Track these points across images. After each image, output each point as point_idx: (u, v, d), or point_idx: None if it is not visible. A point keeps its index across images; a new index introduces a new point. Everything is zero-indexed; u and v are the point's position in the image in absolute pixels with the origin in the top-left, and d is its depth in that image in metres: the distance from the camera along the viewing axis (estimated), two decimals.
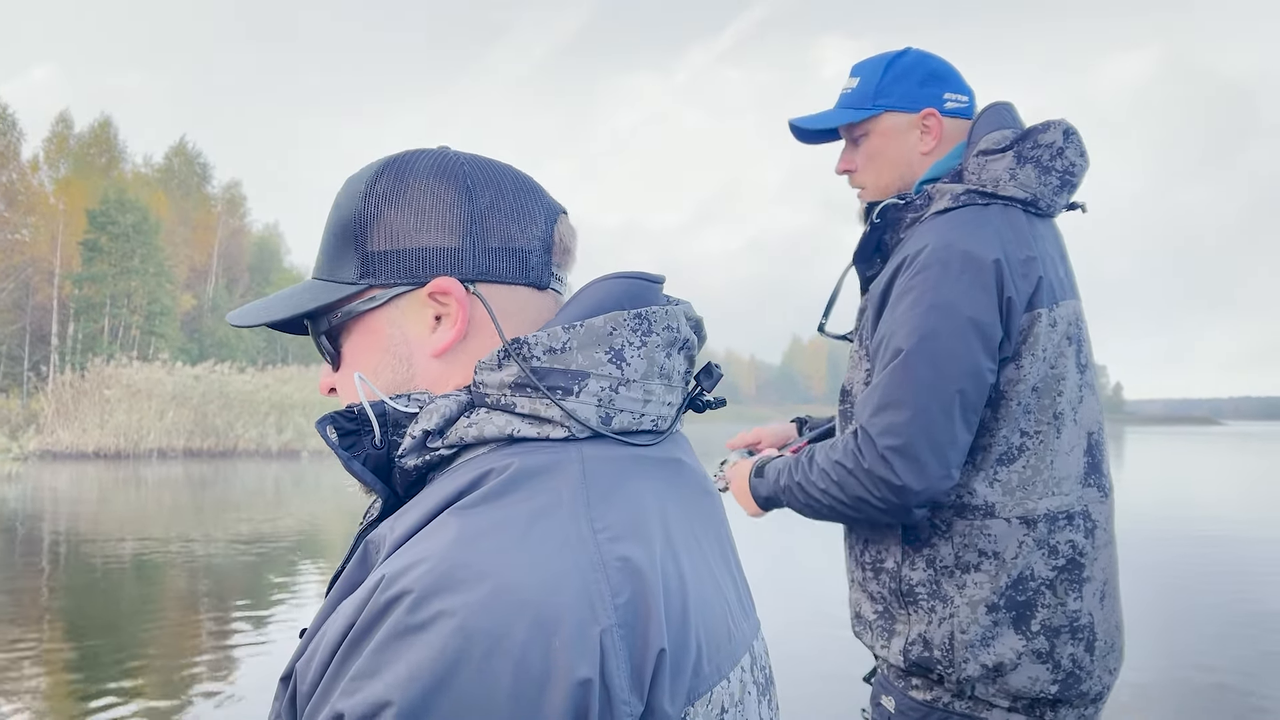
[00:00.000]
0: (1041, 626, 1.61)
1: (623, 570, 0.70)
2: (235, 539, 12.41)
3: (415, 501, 0.77)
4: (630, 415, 0.80)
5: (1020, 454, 1.64)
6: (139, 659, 6.36)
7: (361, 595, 0.68)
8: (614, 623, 0.67)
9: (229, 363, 36.04)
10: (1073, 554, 1.64)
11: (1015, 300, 1.61)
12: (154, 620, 7.67)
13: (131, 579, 9.54)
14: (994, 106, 1.77)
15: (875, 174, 1.82)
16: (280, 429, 33.47)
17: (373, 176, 0.85)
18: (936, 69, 1.81)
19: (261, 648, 6.72)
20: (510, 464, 0.74)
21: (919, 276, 1.61)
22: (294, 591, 8.92)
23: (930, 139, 1.78)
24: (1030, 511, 1.62)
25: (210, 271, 56.29)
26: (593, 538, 0.71)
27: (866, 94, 1.80)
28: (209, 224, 57.03)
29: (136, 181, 51.38)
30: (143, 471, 25.22)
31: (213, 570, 10.02)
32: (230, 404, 32.98)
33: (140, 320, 44.36)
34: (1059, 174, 1.70)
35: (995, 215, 1.66)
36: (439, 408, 0.79)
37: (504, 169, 0.87)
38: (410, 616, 0.64)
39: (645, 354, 0.80)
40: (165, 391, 31.74)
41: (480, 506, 0.72)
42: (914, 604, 1.67)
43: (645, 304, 0.83)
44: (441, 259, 0.82)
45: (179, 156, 59.04)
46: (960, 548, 1.63)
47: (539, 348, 0.78)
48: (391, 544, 0.73)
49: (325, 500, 18.70)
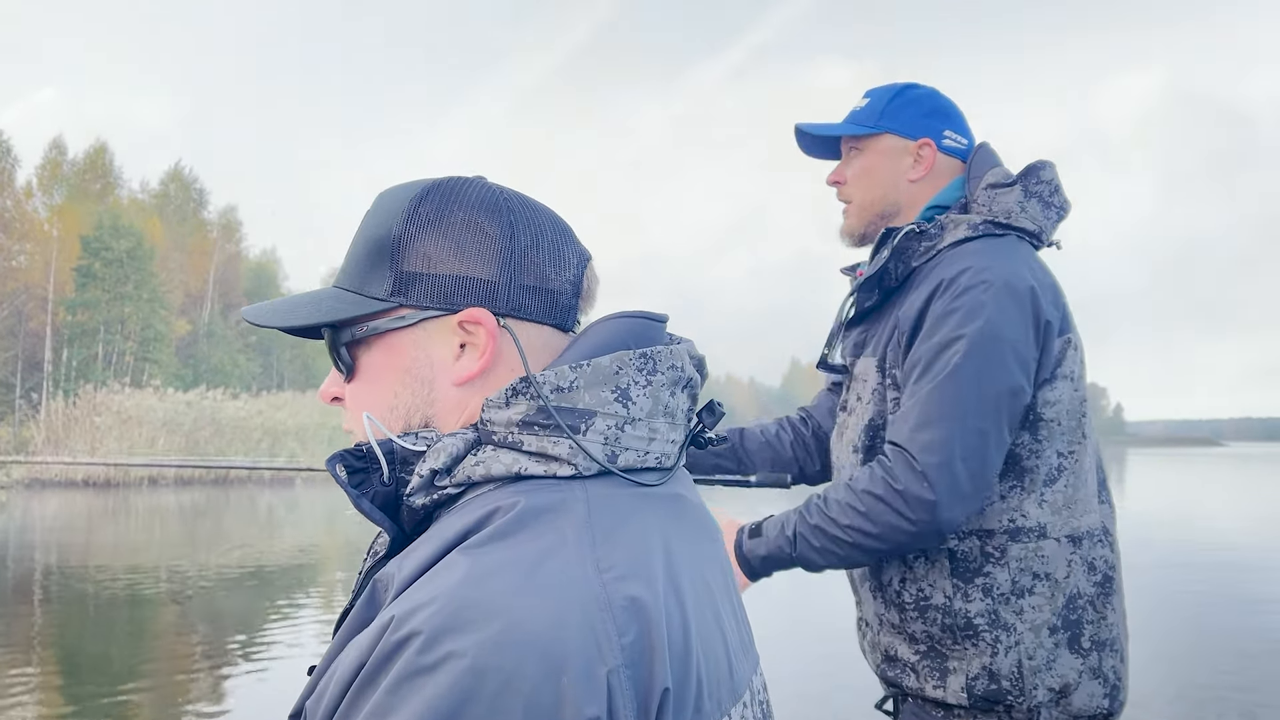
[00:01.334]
0: (1091, 643, 1.65)
1: (628, 610, 0.71)
2: (228, 568, 12.26)
3: (422, 540, 0.77)
4: (636, 453, 0.81)
5: (1060, 474, 1.67)
6: (132, 691, 6.26)
7: (371, 635, 0.68)
8: (620, 663, 0.69)
9: (221, 389, 35.75)
10: (1106, 569, 1.68)
11: (1052, 325, 1.65)
12: (146, 651, 7.58)
13: (123, 609, 9.39)
14: (985, 145, 1.85)
15: (863, 190, 1.86)
16: (273, 456, 33.16)
17: (417, 197, 0.85)
18: (943, 106, 1.87)
19: (257, 677, 6.60)
20: (516, 502, 0.75)
21: (962, 299, 1.63)
22: (290, 622, 8.81)
23: (920, 168, 1.83)
24: (1075, 529, 1.66)
25: (206, 297, 56.12)
26: (598, 577, 0.72)
27: (873, 113, 1.86)
28: (205, 249, 56.93)
29: (132, 207, 51.30)
30: (133, 499, 24.99)
31: (205, 600, 9.89)
32: (222, 430, 32.73)
33: (134, 346, 44.17)
34: (1057, 209, 1.78)
35: (1015, 245, 1.71)
36: (446, 446, 0.80)
37: (543, 209, 0.88)
38: (421, 657, 0.65)
39: (650, 393, 0.82)
40: (156, 418, 31.46)
41: (487, 545, 0.72)
42: (973, 637, 1.65)
43: (650, 343, 0.85)
44: (477, 289, 0.83)
45: (175, 182, 59.03)
46: (1017, 572, 1.64)
47: (547, 386, 0.79)
48: (400, 583, 0.73)
49: (320, 528, 18.61)
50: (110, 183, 53.07)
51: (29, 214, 47.11)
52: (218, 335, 54.34)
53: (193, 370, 48.98)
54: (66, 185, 50.35)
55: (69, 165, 51.22)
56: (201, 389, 34.64)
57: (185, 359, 50.68)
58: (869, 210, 1.86)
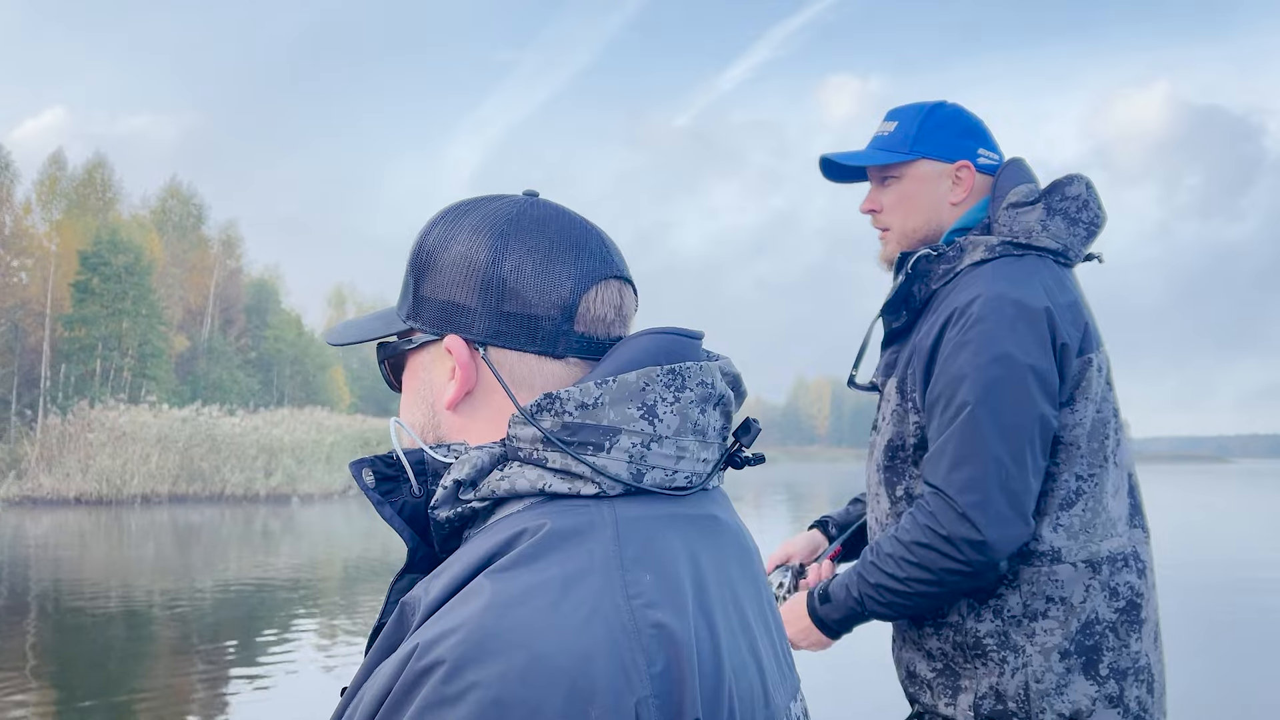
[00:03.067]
0: (1110, 671, 1.62)
1: (657, 638, 0.70)
2: (225, 587, 12.07)
3: (451, 561, 0.77)
4: (663, 472, 0.80)
5: (1078, 498, 1.65)
6: (129, 712, 6.17)
7: (397, 662, 0.69)
8: (649, 693, 0.68)
9: (218, 405, 35.21)
10: (1131, 596, 1.65)
11: (1070, 346, 1.64)
12: (143, 671, 7.52)
13: (120, 628, 9.29)
14: (1014, 161, 1.82)
15: (903, 217, 1.83)
16: (269, 473, 32.61)
17: (434, 221, 0.88)
18: (973, 124, 1.85)
19: (258, 695, 6.53)
20: (543, 525, 0.75)
21: (975, 329, 1.62)
22: (287, 641, 8.69)
23: (961, 190, 1.81)
24: (1094, 554, 1.64)
25: (206, 313, 55.69)
26: (627, 604, 0.71)
27: (905, 139, 1.82)
28: (205, 265, 56.46)
29: (131, 223, 50.96)
30: (126, 517, 24.59)
31: (202, 619, 9.74)
32: (218, 447, 32.16)
33: (132, 363, 43.69)
34: (1085, 225, 1.74)
35: (1034, 265, 1.69)
36: (472, 459, 0.80)
37: (558, 228, 0.86)
38: (445, 687, 0.65)
39: (678, 410, 0.80)
40: (150, 435, 30.90)
41: (512, 570, 0.72)
42: (982, 657, 1.65)
43: (681, 359, 0.83)
44: (457, 315, 0.84)
45: (173, 197, 58.65)
46: (1028, 595, 1.63)
47: (571, 403, 0.78)
48: (426, 606, 0.73)
49: (316, 547, 18.32)
50: (111, 198, 52.73)
51: (27, 229, 46.76)
52: (217, 351, 53.85)
53: (191, 387, 48.49)
54: (66, 200, 50.04)
55: (68, 180, 50.87)
56: (197, 405, 34.06)
57: (184, 376, 50.21)
58: (911, 237, 1.83)
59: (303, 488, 32.67)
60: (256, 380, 55.74)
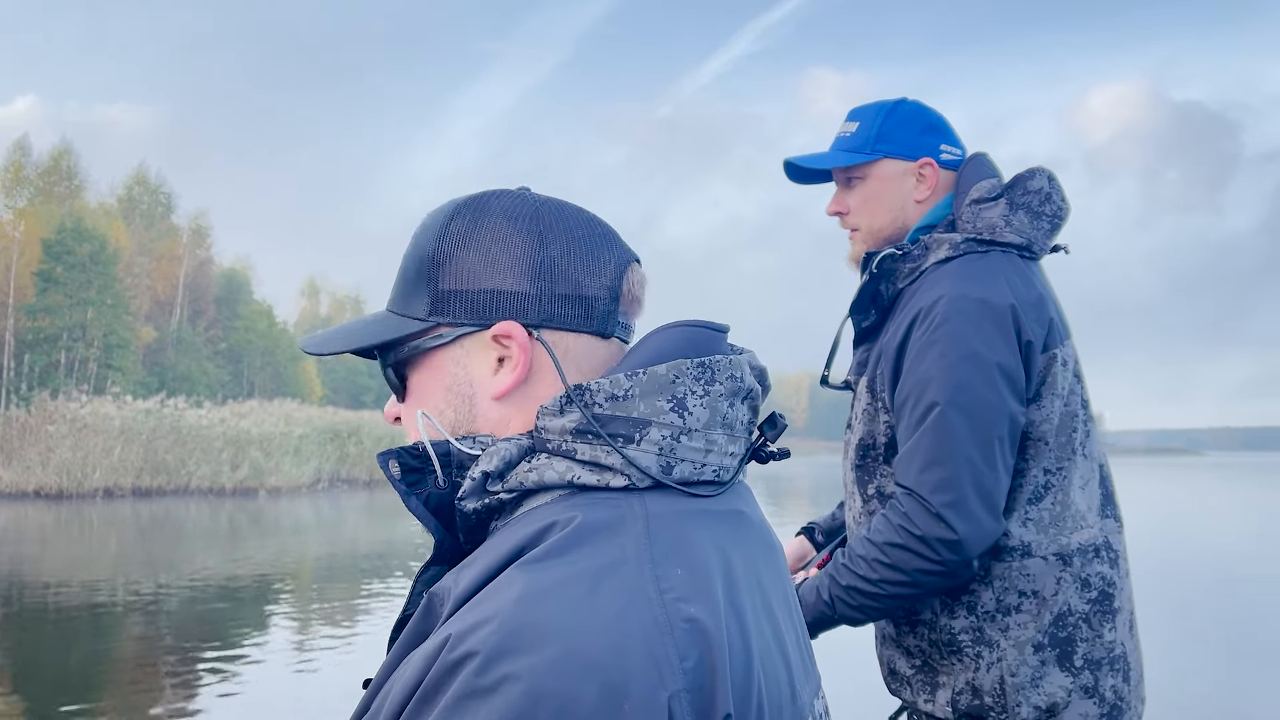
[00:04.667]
0: (1084, 661, 1.63)
1: (690, 633, 0.70)
2: (191, 583, 11.76)
3: (479, 553, 0.77)
4: (691, 465, 0.80)
5: (1047, 491, 1.67)
6: (93, 713, 6.03)
7: (428, 653, 0.68)
8: (682, 687, 0.67)
9: (183, 397, 34.43)
10: (1103, 586, 1.66)
11: (1034, 343, 1.64)
12: (108, 670, 7.31)
13: (84, 627, 8.96)
14: (976, 156, 1.83)
15: (870, 217, 1.84)
16: (235, 466, 31.85)
17: (449, 215, 0.87)
18: (935, 121, 1.85)
19: (228, 694, 6.37)
20: (574, 517, 0.75)
21: (941, 329, 1.62)
22: (259, 639, 8.48)
23: (925, 188, 1.81)
24: (1064, 547, 1.65)
25: (175, 304, 54.68)
26: (659, 598, 0.71)
27: (867, 139, 1.82)
28: (174, 254, 55.41)
29: (97, 211, 49.89)
30: (87, 512, 24.00)
31: (169, 617, 9.50)
32: (183, 440, 31.38)
33: (97, 353, 42.80)
34: (1048, 218, 1.75)
35: (998, 262, 1.69)
36: (499, 450, 0.80)
37: (580, 215, 0.88)
38: (478, 679, 0.65)
39: (708, 403, 0.80)
40: (113, 427, 30.11)
41: (544, 562, 0.72)
42: (957, 653, 1.66)
43: (709, 353, 0.83)
44: (508, 302, 0.83)
45: (140, 185, 57.50)
46: (1001, 591, 1.64)
47: (601, 394, 0.79)
48: (456, 598, 0.73)
49: (286, 542, 17.91)
50: (77, 185, 51.60)
51: None
52: (186, 343, 52.95)
53: (159, 378, 47.61)
54: (31, 188, 48.91)
55: (33, 167, 49.71)
56: (161, 397, 33.26)
57: (151, 367, 49.29)
58: (878, 236, 1.84)
59: (270, 481, 31.97)
60: (226, 372, 54.85)
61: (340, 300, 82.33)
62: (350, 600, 10.67)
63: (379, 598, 10.75)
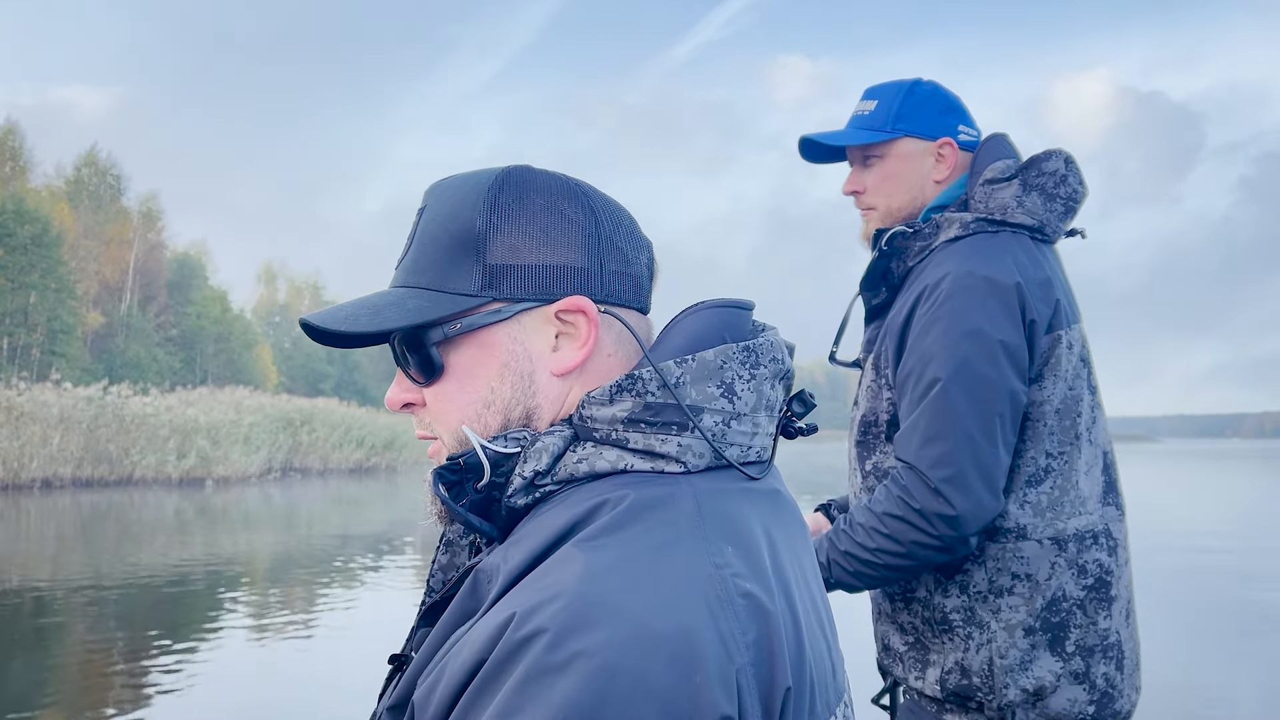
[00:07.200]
0: (1076, 647, 1.63)
1: (749, 608, 0.71)
2: (136, 576, 11.24)
3: (527, 532, 0.77)
4: (740, 449, 0.81)
5: (1047, 475, 1.66)
6: (36, 713, 5.74)
7: (489, 631, 0.67)
8: (747, 661, 0.68)
9: (126, 383, 33.32)
10: (1100, 573, 1.66)
11: (1038, 323, 1.64)
12: (51, 669, 6.97)
13: (24, 625, 8.54)
14: (995, 137, 1.83)
15: (887, 196, 1.84)
16: (181, 455, 30.85)
17: (494, 186, 0.83)
18: (952, 101, 1.86)
19: (177, 691, 6.12)
20: (625, 495, 0.75)
21: (945, 305, 1.63)
22: (208, 632, 8.14)
23: (944, 168, 1.82)
24: (1060, 532, 1.64)
25: (125, 288, 53.23)
26: (717, 574, 0.71)
27: (886, 117, 1.82)
28: (123, 238, 53.88)
29: (41, 192, 48.36)
30: (25, 503, 23.10)
31: (114, 612, 9.06)
32: (126, 428, 30.32)
33: (40, 339, 41.48)
34: (1063, 201, 1.74)
35: (1007, 242, 1.69)
36: (547, 447, 0.80)
37: (606, 195, 0.88)
38: (549, 656, 0.64)
39: (754, 387, 0.81)
40: (52, 415, 28.99)
41: (601, 539, 0.72)
42: (949, 632, 1.67)
43: (741, 333, 0.84)
44: (572, 278, 0.82)
45: (89, 167, 55.80)
46: (994, 572, 1.65)
47: (653, 383, 0.78)
48: (506, 575, 0.73)
49: (235, 533, 17.17)
50: (22, 166, 49.98)
51: None
52: (136, 328, 51.55)
53: (106, 365, 46.29)
54: None
55: None
56: (104, 383, 32.14)
57: (99, 353, 47.93)
58: (895, 215, 1.84)
59: (218, 470, 31.01)
60: (178, 359, 53.52)
61: (299, 287, 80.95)
62: (308, 594, 10.10)
63: (329, 589, 10.27)
